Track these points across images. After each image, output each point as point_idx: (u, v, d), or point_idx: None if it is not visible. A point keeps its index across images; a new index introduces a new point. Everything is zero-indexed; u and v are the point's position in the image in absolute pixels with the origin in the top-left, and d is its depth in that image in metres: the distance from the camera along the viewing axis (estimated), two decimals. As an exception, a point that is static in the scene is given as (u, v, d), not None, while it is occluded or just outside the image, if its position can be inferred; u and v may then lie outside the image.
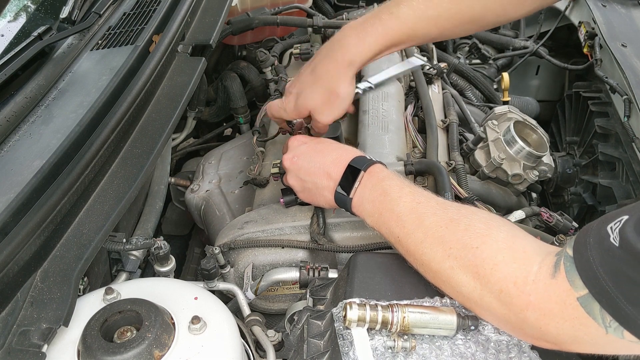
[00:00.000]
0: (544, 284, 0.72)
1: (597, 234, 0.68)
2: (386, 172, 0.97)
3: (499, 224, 0.84)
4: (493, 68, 1.97)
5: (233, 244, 1.11)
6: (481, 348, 0.80)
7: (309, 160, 1.04)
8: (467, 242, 0.81)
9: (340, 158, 1.00)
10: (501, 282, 0.76)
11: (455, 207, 0.88)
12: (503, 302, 0.76)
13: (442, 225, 0.84)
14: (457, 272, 0.81)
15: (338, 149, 1.04)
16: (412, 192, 0.92)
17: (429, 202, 0.90)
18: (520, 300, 0.74)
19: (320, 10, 2.07)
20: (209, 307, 0.85)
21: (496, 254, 0.78)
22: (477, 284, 0.79)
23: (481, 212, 0.88)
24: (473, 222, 0.83)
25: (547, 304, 0.72)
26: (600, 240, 0.67)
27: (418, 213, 0.88)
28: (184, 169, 1.63)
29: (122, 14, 1.31)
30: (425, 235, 0.85)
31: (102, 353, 0.73)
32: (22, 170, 0.90)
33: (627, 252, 0.63)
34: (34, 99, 1.07)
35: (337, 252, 1.08)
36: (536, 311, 0.73)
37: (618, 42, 1.64)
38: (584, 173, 1.70)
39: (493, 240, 0.80)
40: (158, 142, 1.04)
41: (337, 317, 0.84)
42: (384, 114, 1.36)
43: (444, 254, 0.82)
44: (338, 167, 0.99)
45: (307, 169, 1.03)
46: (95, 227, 0.89)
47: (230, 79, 1.68)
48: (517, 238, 0.80)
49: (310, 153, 1.05)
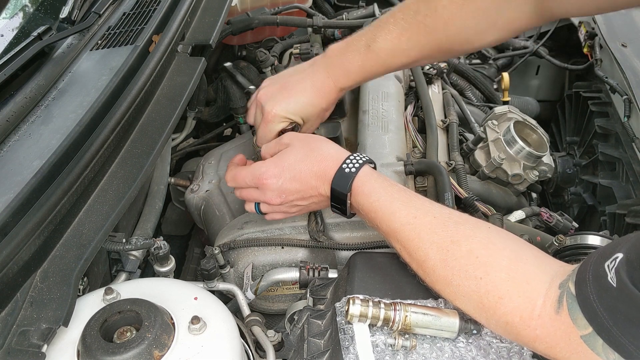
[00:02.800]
0: (549, 319, 0.74)
1: (595, 272, 0.70)
2: (369, 186, 0.93)
3: (501, 246, 0.83)
4: (493, 68, 1.97)
5: (233, 244, 1.11)
6: (482, 353, 0.80)
7: (298, 189, 0.99)
8: (470, 272, 0.80)
9: (323, 173, 0.97)
10: (507, 315, 0.77)
11: (453, 223, 0.86)
12: (510, 333, 0.78)
13: (442, 248, 0.83)
14: (461, 298, 0.81)
15: (313, 161, 0.98)
16: (404, 204, 0.90)
17: (425, 216, 0.88)
18: (527, 333, 0.76)
19: (320, 10, 2.07)
20: (208, 308, 0.85)
21: (500, 286, 0.78)
22: (482, 313, 0.80)
23: (480, 230, 0.86)
24: (474, 247, 0.82)
25: (553, 339, 0.74)
26: (598, 278, 0.69)
27: (416, 230, 0.87)
28: (183, 169, 1.63)
29: (122, 14, 1.31)
30: (426, 257, 0.85)
31: (101, 353, 0.73)
32: (21, 170, 0.90)
33: (623, 293, 0.65)
34: (33, 99, 1.07)
35: (336, 249, 1.08)
36: (543, 344, 0.75)
37: (618, 42, 1.64)
38: (584, 173, 1.70)
39: (496, 270, 0.80)
40: (158, 142, 1.04)
41: (339, 311, 0.84)
42: (384, 114, 1.36)
43: (446, 280, 0.82)
44: (325, 184, 0.97)
45: (299, 197, 1.00)
46: (94, 227, 0.89)
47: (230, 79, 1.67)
48: (519, 263, 0.80)
49: (293, 183, 0.99)
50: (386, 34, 1.07)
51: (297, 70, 1.17)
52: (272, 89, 1.13)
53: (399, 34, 1.06)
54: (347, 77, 1.12)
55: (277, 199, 1.01)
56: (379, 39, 1.08)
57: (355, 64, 1.10)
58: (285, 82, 1.14)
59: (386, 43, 1.07)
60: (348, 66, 1.10)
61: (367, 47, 1.08)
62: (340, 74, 1.11)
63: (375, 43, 1.08)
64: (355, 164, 0.95)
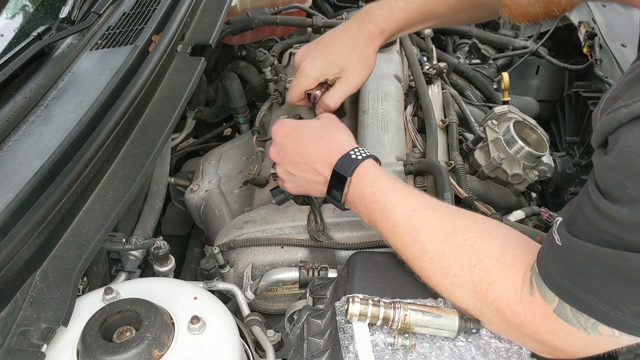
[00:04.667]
0: (527, 302, 0.76)
1: (547, 241, 0.72)
2: (374, 175, 0.93)
3: (495, 234, 0.84)
4: (493, 68, 1.97)
5: (232, 244, 1.11)
6: (481, 352, 0.80)
7: (295, 155, 1.01)
8: (465, 260, 0.82)
9: (327, 154, 0.97)
10: (496, 302, 0.79)
11: (451, 215, 0.87)
12: (502, 319, 0.79)
13: (440, 240, 0.84)
14: (457, 289, 0.82)
15: (322, 140, 1.00)
16: (406, 196, 0.90)
17: (425, 209, 0.88)
18: (514, 319, 0.77)
19: (320, 10, 2.07)
20: (208, 307, 0.85)
21: (490, 272, 0.80)
22: (477, 302, 0.81)
23: (477, 221, 0.87)
24: (469, 236, 0.84)
25: (534, 322, 0.75)
26: (550, 246, 0.71)
27: (414, 224, 0.87)
28: (183, 169, 1.63)
29: (122, 14, 1.31)
30: (423, 249, 0.85)
31: (101, 353, 0.73)
32: (21, 170, 0.90)
33: (569, 248, 0.68)
34: (33, 99, 1.07)
35: (336, 249, 1.08)
36: (529, 329, 0.76)
37: (618, 42, 1.64)
38: (583, 173, 1.70)
39: (488, 256, 0.81)
40: (157, 142, 1.04)
41: (339, 310, 0.84)
42: (384, 113, 1.36)
43: (443, 271, 0.83)
44: (325, 165, 0.97)
45: (294, 164, 1.01)
46: (94, 227, 0.89)
47: (229, 79, 1.67)
48: (508, 248, 0.82)
49: (293, 147, 1.01)
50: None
51: (336, 27, 1.19)
52: (309, 46, 1.17)
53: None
54: (389, 19, 1.13)
55: (275, 155, 1.04)
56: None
57: (398, 4, 1.11)
58: (321, 39, 1.17)
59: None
60: (392, 5, 1.11)
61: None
62: (382, 15, 1.12)
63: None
64: (362, 154, 0.96)
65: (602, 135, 0.65)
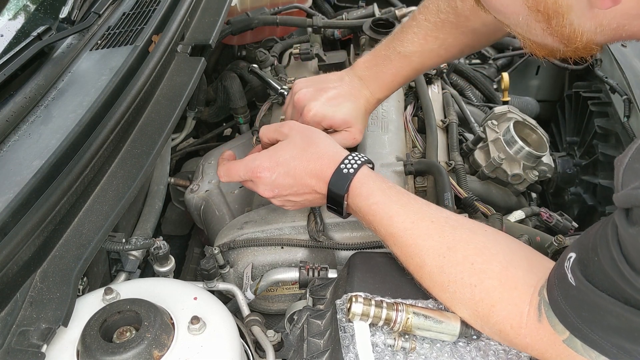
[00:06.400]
0: (534, 327, 0.76)
1: (559, 274, 0.72)
2: (367, 188, 0.92)
3: (495, 251, 0.83)
4: (493, 68, 1.97)
5: (232, 244, 1.11)
6: (481, 354, 0.81)
7: (291, 186, 0.98)
8: (465, 279, 0.81)
9: (320, 171, 0.96)
10: (499, 324, 0.78)
11: (450, 228, 0.86)
12: (504, 340, 0.80)
13: (440, 254, 0.84)
14: (457, 304, 0.82)
15: (310, 160, 0.97)
16: (402, 207, 0.89)
17: (423, 220, 0.88)
18: (518, 341, 0.78)
19: (320, 10, 2.07)
20: (208, 308, 0.85)
21: (492, 294, 0.79)
22: (478, 319, 0.81)
23: (477, 234, 0.86)
24: (469, 253, 0.83)
25: (541, 346, 0.75)
26: (562, 280, 0.71)
27: (413, 237, 0.87)
28: (183, 169, 1.63)
29: (122, 14, 1.31)
30: (423, 262, 0.85)
31: (101, 353, 0.73)
32: (21, 170, 0.90)
33: (582, 291, 0.67)
34: (33, 99, 1.07)
35: (336, 249, 1.08)
36: (534, 351, 0.77)
37: (618, 42, 1.64)
38: (584, 173, 1.70)
39: (489, 276, 0.81)
40: (157, 142, 1.04)
41: (339, 308, 0.84)
42: (384, 114, 1.36)
43: (442, 286, 0.83)
44: (320, 182, 0.96)
45: (293, 193, 1.00)
46: (94, 227, 0.89)
47: (229, 79, 1.67)
48: (510, 268, 0.81)
49: (286, 179, 0.98)
50: (412, 36, 1.08)
51: (330, 79, 1.17)
52: (312, 91, 1.13)
53: (424, 34, 1.07)
54: (382, 89, 1.14)
55: (269, 193, 1.00)
56: (406, 43, 1.08)
57: (388, 73, 1.11)
58: (323, 86, 1.14)
59: (414, 46, 1.08)
60: (382, 78, 1.11)
61: (398, 54, 1.09)
62: (376, 86, 1.13)
63: (403, 48, 1.09)
64: (354, 165, 0.94)
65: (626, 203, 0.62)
